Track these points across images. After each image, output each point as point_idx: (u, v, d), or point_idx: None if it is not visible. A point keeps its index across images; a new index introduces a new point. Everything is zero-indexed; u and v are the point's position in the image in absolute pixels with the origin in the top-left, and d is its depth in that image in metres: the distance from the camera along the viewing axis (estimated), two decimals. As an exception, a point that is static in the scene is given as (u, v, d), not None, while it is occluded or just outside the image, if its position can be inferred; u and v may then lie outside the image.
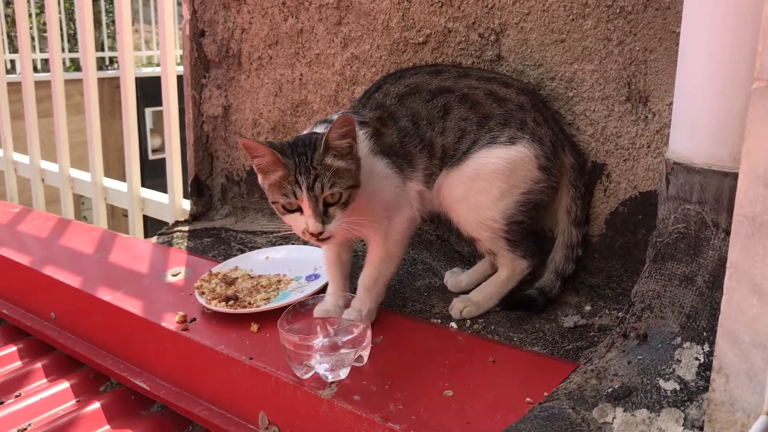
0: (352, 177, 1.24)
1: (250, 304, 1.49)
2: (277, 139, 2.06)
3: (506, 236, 1.41)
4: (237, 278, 1.62)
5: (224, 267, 1.70)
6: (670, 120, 1.17)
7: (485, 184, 1.36)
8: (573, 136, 1.49)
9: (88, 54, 2.74)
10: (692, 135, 1.10)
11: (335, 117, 1.32)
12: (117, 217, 6.00)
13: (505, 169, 1.35)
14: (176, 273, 1.75)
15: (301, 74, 1.95)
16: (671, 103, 1.31)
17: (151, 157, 7.42)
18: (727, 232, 1.05)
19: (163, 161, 2.50)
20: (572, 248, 1.45)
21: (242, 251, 1.89)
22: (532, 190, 1.39)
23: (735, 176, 1.03)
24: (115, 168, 5.14)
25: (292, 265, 1.68)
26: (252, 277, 1.63)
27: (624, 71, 1.39)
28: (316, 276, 1.60)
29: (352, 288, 1.45)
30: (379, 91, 1.45)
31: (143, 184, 2.70)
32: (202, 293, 1.55)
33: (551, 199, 1.45)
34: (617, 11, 1.37)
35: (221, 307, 1.47)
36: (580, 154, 1.47)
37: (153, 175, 5.11)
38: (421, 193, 1.41)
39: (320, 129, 1.34)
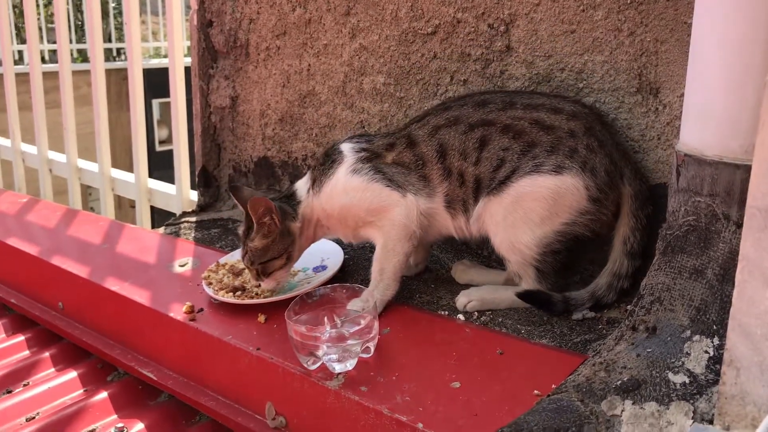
0: (273, 250, 1.45)
1: (257, 294, 1.49)
2: (285, 131, 2.06)
3: (537, 265, 1.37)
4: (244, 269, 1.62)
5: (231, 258, 1.70)
6: (681, 112, 1.16)
7: (525, 209, 1.33)
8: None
9: (96, 45, 2.74)
10: (703, 127, 1.09)
11: (343, 146, 1.49)
12: (124, 208, 6.01)
13: (549, 198, 1.31)
14: (183, 263, 1.75)
15: (309, 65, 1.94)
16: (682, 95, 1.30)
17: (159, 148, 7.44)
18: (738, 225, 1.04)
19: (170, 153, 2.50)
20: (619, 278, 1.37)
21: (249, 242, 1.89)
22: (577, 222, 1.34)
23: (747, 169, 1.03)
24: (122, 160, 5.15)
25: (299, 256, 1.67)
26: (259, 268, 1.62)
27: (635, 62, 1.38)
28: (324, 267, 1.60)
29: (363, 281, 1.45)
30: (421, 121, 1.47)
31: (150, 176, 2.70)
32: (210, 284, 1.55)
33: (601, 233, 1.38)
34: (628, 2, 1.36)
35: (228, 298, 1.47)
36: (644, 180, 1.38)
37: (160, 166, 5.11)
38: (431, 211, 1.43)
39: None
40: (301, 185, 1.53)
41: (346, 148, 1.49)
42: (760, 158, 0.74)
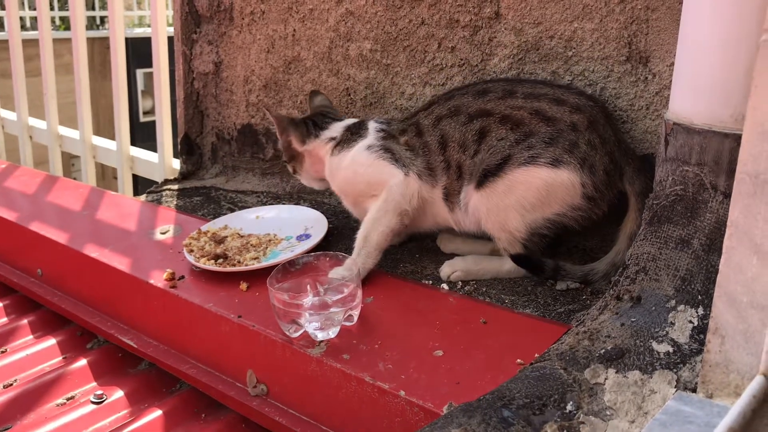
0: (284, 155, 1.63)
1: (239, 262, 1.47)
2: (269, 97, 2.03)
3: (525, 243, 1.36)
4: (226, 237, 1.60)
5: (214, 225, 1.67)
6: (670, 81, 1.15)
7: (517, 196, 1.31)
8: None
9: (77, 11, 2.68)
10: (693, 95, 1.07)
11: (370, 123, 1.52)
12: (108, 179, 5.96)
13: (542, 189, 1.29)
14: (165, 231, 1.72)
15: (294, 30, 1.90)
16: (672, 64, 1.28)
17: (143, 119, 7.33)
18: (726, 195, 1.03)
19: (154, 123, 2.45)
20: (617, 269, 1.29)
21: (232, 210, 1.87)
22: (567, 215, 1.32)
23: (735, 137, 1.01)
24: (106, 130, 5.08)
25: (282, 224, 1.65)
26: (242, 236, 1.60)
27: (625, 30, 1.36)
28: (307, 236, 1.58)
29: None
30: (427, 110, 1.47)
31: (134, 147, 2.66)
32: (191, 251, 1.52)
33: (589, 226, 1.36)
34: (620, -32, 1.34)
35: (210, 265, 1.45)
36: (650, 176, 1.23)
37: (144, 137, 5.05)
38: (429, 198, 1.43)
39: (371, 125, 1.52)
40: (335, 129, 1.56)
41: (372, 126, 1.51)
42: (751, 122, 0.72)
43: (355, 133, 1.51)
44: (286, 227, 1.63)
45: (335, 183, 1.54)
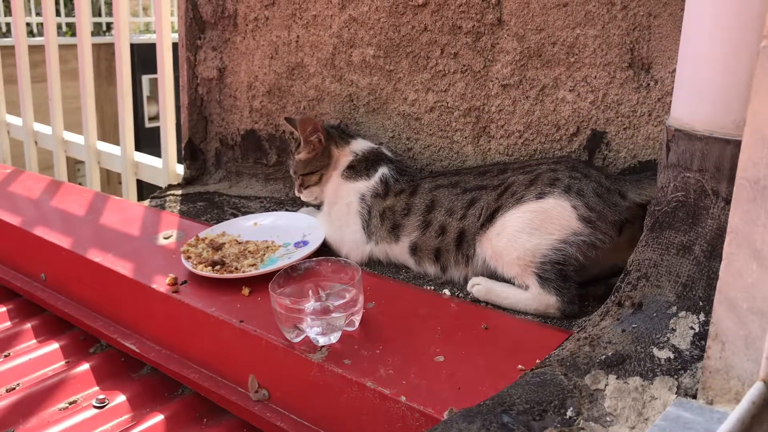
0: (311, 165, 1.68)
1: (236, 269, 1.47)
2: (273, 103, 2.04)
3: (537, 272, 1.31)
4: (224, 244, 1.60)
5: (211, 232, 1.68)
6: (672, 88, 1.15)
7: (513, 228, 1.32)
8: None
9: (83, 17, 2.70)
10: (695, 101, 1.07)
11: (381, 169, 1.61)
12: (113, 184, 5.97)
13: (534, 217, 1.30)
14: (168, 236, 1.72)
15: (298, 36, 1.91)
16: (674, 71, 1.28)
17: (148, 125, 7.35)
18: (727, 201, 1.03)
19: (159, 129, 2.46)
20: None
21: (235, 216, 1.87)
22: (571, 241, 1.29)
23: (737, 144, 1.01)
24: (111, 136, 5.09)
25: (280, 231, 1.66)
26: (239, 243, 1.61)
27: (627, 37, 1.36)
28: (305, 243, 1.58)
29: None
30: (434, 178, 1.56)
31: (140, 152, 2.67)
32: (188, 258, 1.53)
33: (603, 254, 1.31)
34: (622, -26, 1.34)
35: (207, 272, 1.45)
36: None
37: (149, 143, 5.08)
38: (390, 250, 1.56)
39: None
40: (359, 145, 1.67)
41: (380, 172, 1.60)
42: (751, 128, 0.72)
43: (368, 167, 1.62)
44: (284, 234, 1.64)
45: (327, 195, 1.68)
